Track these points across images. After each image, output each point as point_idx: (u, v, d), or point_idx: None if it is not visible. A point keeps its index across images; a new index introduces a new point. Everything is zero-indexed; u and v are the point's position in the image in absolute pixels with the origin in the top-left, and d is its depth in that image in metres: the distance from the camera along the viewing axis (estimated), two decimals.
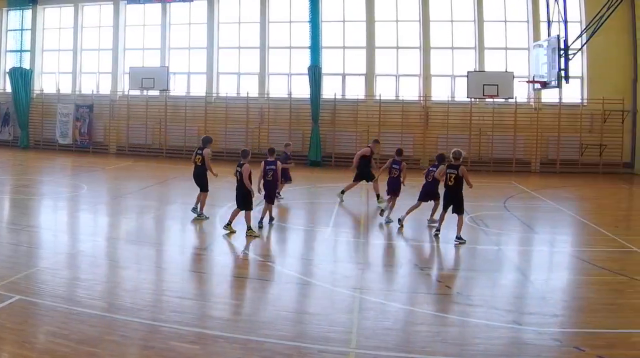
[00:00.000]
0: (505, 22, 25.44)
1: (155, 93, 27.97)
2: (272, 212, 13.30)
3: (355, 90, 26.49)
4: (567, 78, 19.21)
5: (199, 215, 13.55)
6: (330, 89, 26.27)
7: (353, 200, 16.01)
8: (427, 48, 25.73)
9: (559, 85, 19.57)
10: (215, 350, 6.62)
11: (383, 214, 13.84)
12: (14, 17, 30.12)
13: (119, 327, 7.11)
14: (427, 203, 13.33)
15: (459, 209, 11.87)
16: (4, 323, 6.96)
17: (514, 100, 24.32)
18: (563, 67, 19.01)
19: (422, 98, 25.63)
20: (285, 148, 16.61)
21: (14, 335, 6.66)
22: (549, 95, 24.38)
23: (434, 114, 25.46)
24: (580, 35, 19.77)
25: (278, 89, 27.28)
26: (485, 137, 24.84)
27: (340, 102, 26.32)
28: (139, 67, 28.26)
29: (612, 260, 10.76)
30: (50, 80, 30.75)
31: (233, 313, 8.08)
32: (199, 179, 13.65)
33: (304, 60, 26.04)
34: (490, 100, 24.62)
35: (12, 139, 30.25)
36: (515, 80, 23.94)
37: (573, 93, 24.31)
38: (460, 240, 11.69)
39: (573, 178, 22.89)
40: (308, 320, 7.74)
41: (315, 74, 25.59)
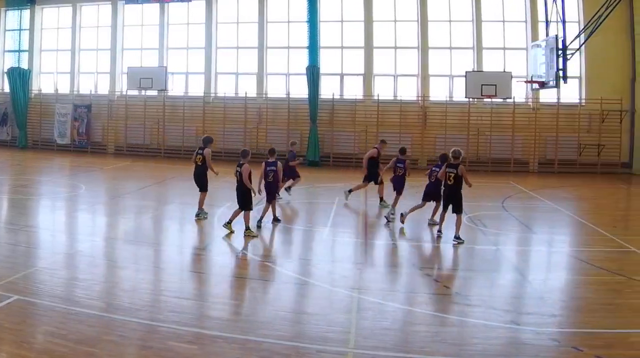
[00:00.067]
0: (504, 22, 25.45)
1: (154, 93, 27.96)
2: (275, 212, 13.31)
3: (354, 90, 26.50)
4: (565, 78, 19.25)
5: (198, 215, 13.57)
6: (329, 89, 26.27)
7: (351, 201, 16.00)
8: (425, 48, 25.75)
9: (557, 85, 19.63)
10: (214, 350, 6.62)
11: (389, 215, 13.89)
12: (12, 17, 30.10)
13: (117, 327, 7.11)
14: (429, 203, 13.37)
15: (458, 208, 11.90)
16: (2, 323, 6.96)
17: (512, 100, 24.34)
18: (561, 67, 19.05)
19: (420, 98, 25.64)
20: (292, 146, 17.03)
21: (12, 335, 6.65)
22: (547, 95, 24.43)
23: (432, 114, 25.46)
24: (579, 35, 19.78)
25: (276, 89, 27.28)
26: (484, 137, 24.85)
27: (339, 102, 26.32)
28: (137, 67, 28.25)
29: (610, 260, 10.78)
30: (49, 80, 30.73)
31: (231, 313, 8.08)
32: (199, 179, 13.69)
33: (302, 60, 26.04)
34: (489, 100, 24.64)
35: (10, 139, 30.24)
36: (514, 80, 23.97)
37: (571, 93, 24.33)
38: (459, 240, 11.71)
39: (571, 178, 22.91)
40: (306, 320, 7.75)
41: (314, 74, 25.59)
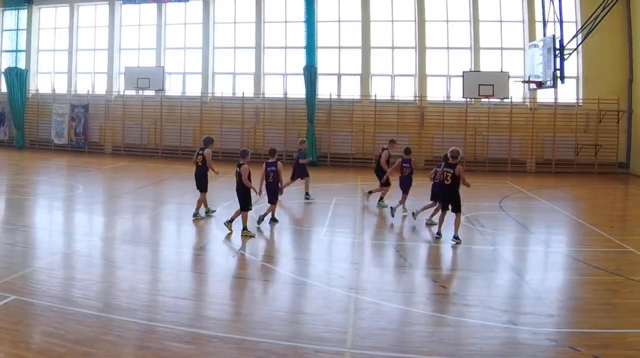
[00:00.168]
0: (501, 22, 25.48)
1: (151, 93, 27.94)
2: (274, 213, 13.31)
3: (351, 90, 26.53)
4: (562, 78, 19.31)
5: (195, 215, 13.61)
6: (326, 89, 26.27)
7: (349, 200, 16.00)
8: (422, 48, 25.75)
9: (555, 85, 19.67)
10: (211, 350, 6.62)
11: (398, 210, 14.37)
12: (10, 17, 30.07)
13: (115, 327, 7.10)
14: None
15: (457, 208, 11.91)
16: (0, 323, 6.97)
17: (510, 100, 24.36)
18: (558, 67, 19.11)
19: (417, 98, 25.65)
20: (301, 145, 17.07)
21: (10, 335, 6.64)
22: (545, 95, 24.48)
23: (430, 114, 25.48)
24: (576, 35, 19.82)
25: (273, 89, 27.27)
26: (481, 137, 24.87)
27: (336, 102, 26.33)
28: (135, 67, 28.22)
29: (607, 260, 10.80)
30: (46, 80, 30.68)
31: (229, 313, 8.08)
32: (200, 179, 13.72)
33: (300, 60, 26.03)
34: (486, 100, 24.66)
35: (7, 139, 30.20)
36: (511, 80, 23.99)
37: (568, 93, 24.34)
38: (457, 240, 11.72)
39: (568, 178, 22.94)
40: (304, 320, 7.75)
41: (311, 74, 25.59)
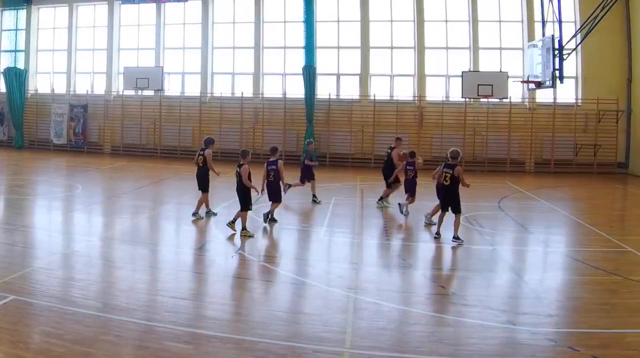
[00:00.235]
0: (500, 22, 25.49)
1: (150, 93, 27.93)
2: (273, 213, 13.31)
3: (350, 90, 26.54)
4: (561, 78, 19.32)
5: (194, 214, 13.63)
6: (325, 89, 26.28)
7: (348, 200, 16.00)
8: (421, 48, 25.77)
9: (554, 85, 19.68)
10: (210, 350, 6.62)
11: (403, 209, 14.51)
12: (9, 17, 30.03)
13: (114, 327, 7.10)
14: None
15: (456, 208, 11.92)
16: None
17: (509, 100, 24.37)
18: (557, 67, 19.11)
19: (416, 98, 25.66)
20: (308, 146, 16.94)
21: (9, 335, 6.63)
22: (544, 95, 24.48)
23: (429, 114, 25.49)
24: (575, 35, 19.84)
25: (272, 89, 27.27)
26: (480, 137, 24.88)
27: (335, 102, 26.33)
28: (134, 67, 28.21)
29: (606, 260, 10.80)
30: (45, 80, 30.67)
31: (228, 313, 8.07)
32: (202, 180, 13.75)
33: (299, 60, 26.03)
34: (485, 100, 24.67)
35: (6, 139, 30.18)
36: (510, 80, 23.99)
37: (567, 93, 24.36)
38: (458, 241, 11.72)
39: (567, 178, 22.96)
40: (302, 320, 7.75)
41: (310, 74, 25.59)
